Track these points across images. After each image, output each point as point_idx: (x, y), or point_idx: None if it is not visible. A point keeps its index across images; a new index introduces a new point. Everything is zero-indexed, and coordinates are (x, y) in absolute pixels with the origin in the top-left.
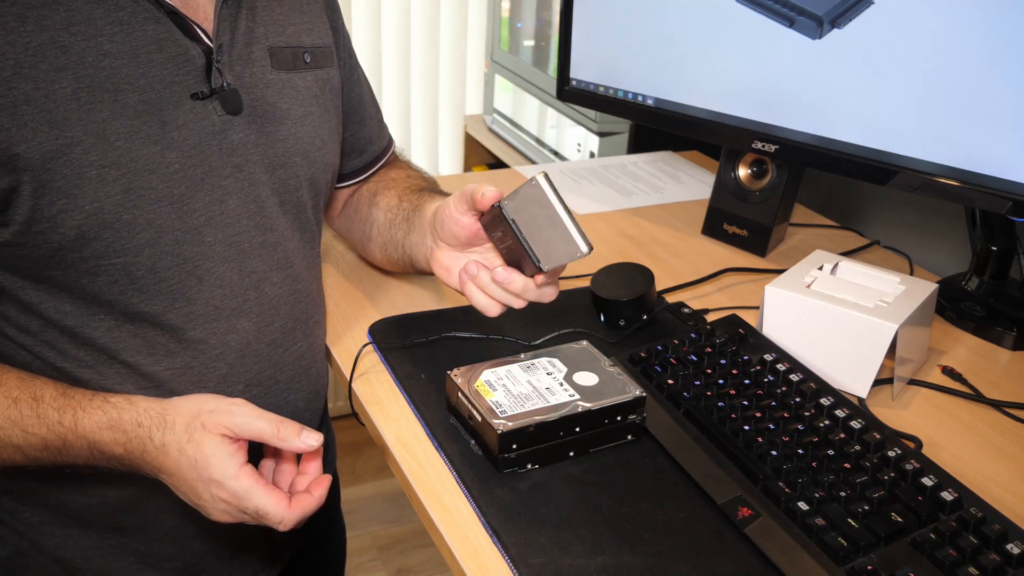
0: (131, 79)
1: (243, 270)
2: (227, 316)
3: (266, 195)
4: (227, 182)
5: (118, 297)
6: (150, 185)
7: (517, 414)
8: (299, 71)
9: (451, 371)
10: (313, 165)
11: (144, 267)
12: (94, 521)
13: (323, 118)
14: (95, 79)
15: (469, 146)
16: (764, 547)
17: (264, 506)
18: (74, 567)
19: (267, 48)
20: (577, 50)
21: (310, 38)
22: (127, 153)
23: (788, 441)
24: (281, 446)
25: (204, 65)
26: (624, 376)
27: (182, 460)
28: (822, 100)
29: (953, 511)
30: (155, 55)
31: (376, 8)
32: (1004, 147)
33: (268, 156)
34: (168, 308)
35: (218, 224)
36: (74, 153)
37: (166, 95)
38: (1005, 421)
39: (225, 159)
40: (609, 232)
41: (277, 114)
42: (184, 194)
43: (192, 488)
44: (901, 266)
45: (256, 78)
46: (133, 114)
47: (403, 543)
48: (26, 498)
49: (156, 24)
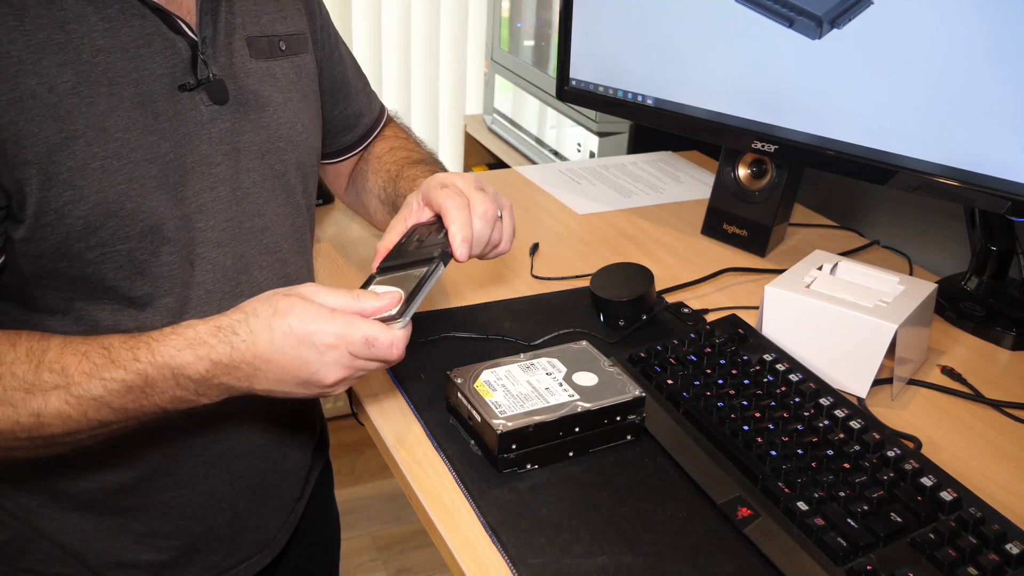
0: (124, 72)
1: (234, 254)
2: (220, 299)
3: (255, 181)
4: (217, 170)
5: (122, 282)
6: (150, 174)
7: (516, 414)
8: (276, 59)
9: (450, 371)
10: (298, 149)
11: (146, 252)
12: (93, 504)
13: (302, 103)
14: (92, 73)
15: (469, 146)
16: (763, 547)
17: (371, 331)
18: (73, 549)
19: (245, 38)
20: (577, 50)
21: (283, 26)
22: (126, 144)
23: (788, 441)
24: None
25: (190, 58)
26: (624, 376)
27: (275, 335)
28: (822, 100)
29: (952, 511)
30: (144, 49)
31: (376, 8)
32: (1004, 147)
33: (255, 143)
34: (167, 292)
35: (209, 211)
36: (77, 145)
37: (156, 87)
38: (1005, 421)
39: (214, 147)
40: (609, 232)
41: (260, 101)
42: (177, 182)
43: (297, 356)
44: (901, 266)
45: (237, 68)
46: (129, 106)
47: (403, 543)
48: (24, 484)
49: (143, 19)
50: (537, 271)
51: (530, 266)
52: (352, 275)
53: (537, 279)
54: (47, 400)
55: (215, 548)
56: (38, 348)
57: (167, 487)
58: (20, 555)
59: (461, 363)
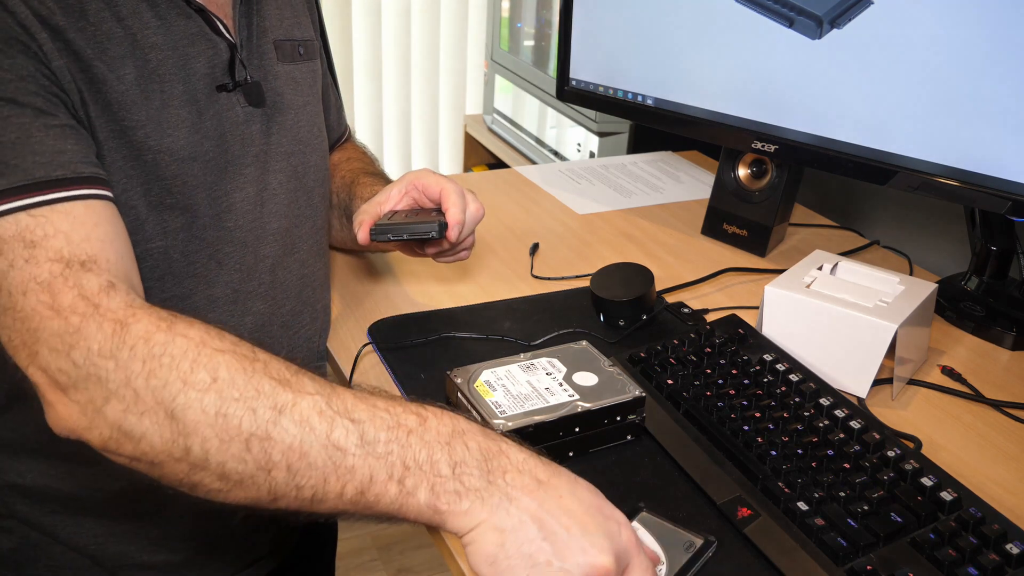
0: (175, 70)
1: (258, 255)
2: (244, 299)
3: (280, 182)
4: (247, 171)
5: (156, 283)
6: (192, 172)
7: (517, 414)
8: (297, 63)
9: (450, 371)
10: (316, 152)
11: (178, 251)
12: (108, 510)
13: (316, 107)
14: (147, 68)
15: (469, 146)
16: (763, 547)
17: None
18: (89, 553)
19: (273, 41)
20: (577, 50)
21: (300, 32)
22: (176, 140)
23: (787, 441)
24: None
25: (228, 60)
26: (624, 376)
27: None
28: (822, 100)
29: (952, 511)
30: (189, 48)
31: (376, 8)
32: (1004, 147)
33: (282, 145)
34: (193, 291)
35: (238, 211)
36: (136, 136)
37: (200, 87)
38: (1005, 421)
39: (245, 149)
40: (609, 232)
41: (286, 104)
42: (213, 182)
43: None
44: (901, 266)
45: (268, 71)
46: (179, 103)
47: (403, 543)
48: (40, 491)
49: (188, 19)
50: (537, 271)
51: (530, 266)
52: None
53: (537, 279)
54: (297, 406)
55: (230, 548)
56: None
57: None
58: (29, 562)
59: (461, 363)
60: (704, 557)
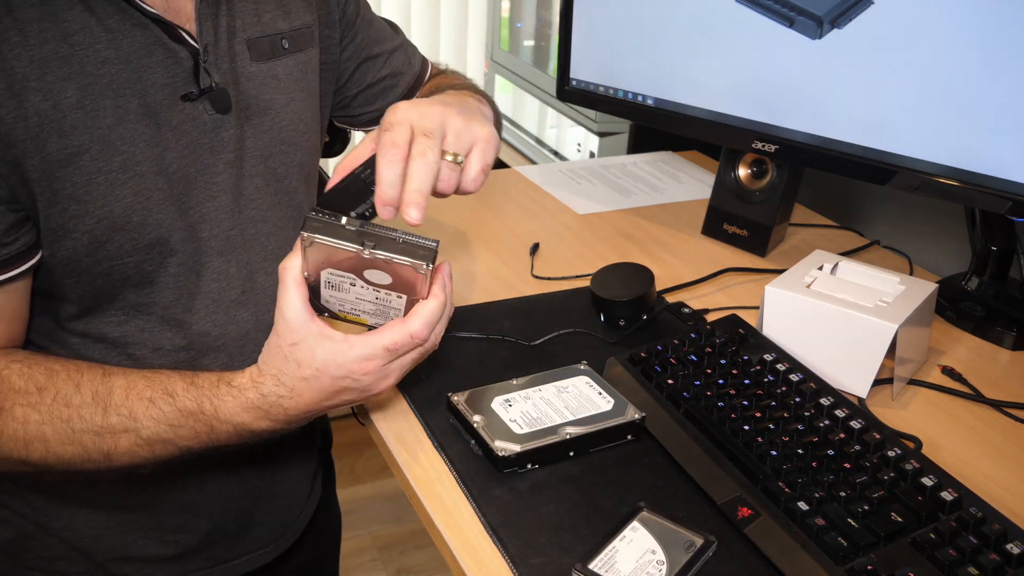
0: (129, 84)
1: (239, 262)
2: (227, 308)
3: (257, 187)
4: (220, 179)
5: (129, 294)
6: (156, 186)
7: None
8: (278, 58)
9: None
10: (300, 151)
11: (154, 264)
12: (102, 503)
13: (306, 102)
14: (96, 86)
15: None
16: (764, 547)
17: (392, 337)
18: (81, 545)
19: (245, 41)
20: (577, 50)
21: (287, 22)
22: (132, 157)
23: (788, 441)
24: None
25: (192, 67)
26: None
27: (312, 384)
28: (822, 100)
29: (953, 511)
30: (145, 60)
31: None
32: (1004, 147)
33: (257, 148)
34: (174, 302)
35: (213, 220)
36: (83, 160)
37: (159, 98)
38: (1005, 421)
39: (216, 156)
40: (609, 232)
41: (261, 106)
42: (182, 193)
43: (342, 389)
44: (901, 266)
45: (239, 73)
46: (134, 118)
47: (403, 543)
48: (31, 485)
49: (143, 30)
50: (537, 271)
51: (530, 266)
52: None
53: (537, 279)
54: (117, 442)
55: (225, 543)
56: (103, 391)
57: (176, 487)
58: (24, 553)
59: (460, 362)
60: (704, 557)
